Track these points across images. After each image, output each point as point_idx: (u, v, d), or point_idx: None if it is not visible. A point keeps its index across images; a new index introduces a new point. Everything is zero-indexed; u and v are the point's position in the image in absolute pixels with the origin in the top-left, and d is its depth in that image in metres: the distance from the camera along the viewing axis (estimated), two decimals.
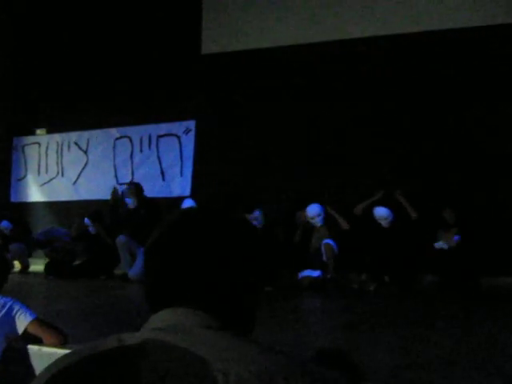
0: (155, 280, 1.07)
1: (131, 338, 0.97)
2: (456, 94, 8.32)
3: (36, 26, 11.25)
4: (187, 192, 9.87)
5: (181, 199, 9.33)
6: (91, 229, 9.29)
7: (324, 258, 8.07)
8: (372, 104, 8.74)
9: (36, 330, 3.65)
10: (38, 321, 3.68)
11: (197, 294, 1.03)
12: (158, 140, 10.26)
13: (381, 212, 8.11)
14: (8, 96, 11.47)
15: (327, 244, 8.06)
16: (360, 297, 7.48)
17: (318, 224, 8.25)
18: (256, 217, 8.42)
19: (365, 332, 5.13)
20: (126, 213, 9.00)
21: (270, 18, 9.41)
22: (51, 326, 3.73)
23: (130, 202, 8.86)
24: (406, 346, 4.46)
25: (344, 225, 8.18)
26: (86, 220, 9.34)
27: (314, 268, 8.10)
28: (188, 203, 8.99)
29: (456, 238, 7.64)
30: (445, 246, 7.69)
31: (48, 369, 0.98)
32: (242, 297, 1.07)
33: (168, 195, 9.96)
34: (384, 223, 8.10)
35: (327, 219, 8.30)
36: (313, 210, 8.26)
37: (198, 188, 9.77)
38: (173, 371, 0.89)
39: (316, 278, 8.04)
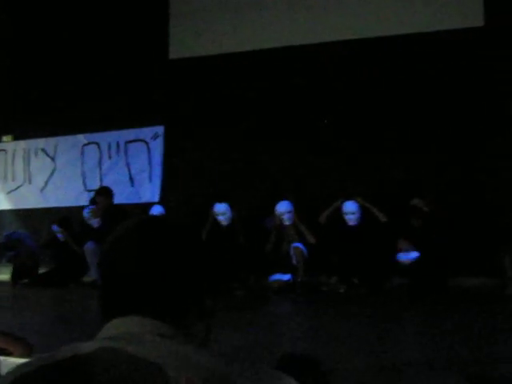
0: (107, 288, 1.08)
1: (85, 347, 0.98)
2: (433, 94, 8.44)
3: None
4: (156, 198, 9.83)
5: (150, 205, 9.30)
6: (59, 236, 9.23)
7: (294, 262, 8.10)
8: (341, 109, 8.81)
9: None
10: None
11: (148, 302, 1.04)
12: (126, 146, 10.19)
13: (349, 206, 8.14)
14: None
15: (296, 247, 8.09)
16: (330, 300, 7.52)
17: (287, 222, 8.26)
18: (224, 211, 8.43)
19: (334, 335, 5.15)
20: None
21: (238, 23, 9.42)
22: (15, 337, 3.68)
23: (95, 223, 8.96)
24: (376, 348, 4.50)
25: (311, 239, 8.20)
26: (54, 227, 9.27)
27: (284, 271, 8.13)
28: (156, 210, 8.95)
29: (415, 254, 7.67)
30: (407, 259, 7.71)
31: (5, 377, 0.99)
32: (192, 304, 1.08)
33: (137, 201, 9.90)
34: (352, 218, 8.11)
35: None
36: (283, 206, 8.29)
37: (167, 194, 9.74)
38: (128, 379, 0.91)
39: (286, 282, 8.08)
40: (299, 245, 8.11)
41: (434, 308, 6.64)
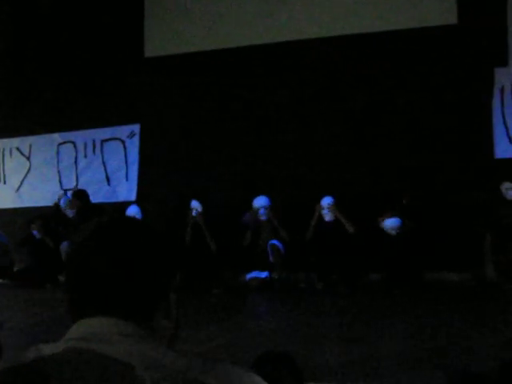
0: (75, 290, 1.09)
1: (52, 348, 0.99)
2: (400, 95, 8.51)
3: None
4: (133, 196, 9.79)
5: (127, 204, 9.26)
6: (35, 233, 9.24)
7: (270, 259, 8.12)
8: (321, 107, 8.85)
9: None
10: None
11: (116, 302, 1.04)
12: (102, 144, 10.13)
13: (327, 201, 8.16)
14: None
15: (273, 245, 8.12)
16: (307, 296, 7.56)
17: (262, 217, 8.27)
18: (196, 207, 8.43)
19: (312, 331, 5.19)
20: (71, 220, 9.07)
21: (213, 21, 9.40)
22: None
23: (70, 214, 9.12)
24: (352, 344, 4.54)
25: (285, 236, 8.21)
26: (31, 226, 9.28)
27: (261, 269, 8.15)
28: (132, 210, 8.84)
29: (398, 221, 7.74)
30: (392, 226, 7.78)
31: None
32: (159, 303, 1.09)
33: (114, 200, 9.85)
34: (327, 215, 8.13)
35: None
36: (259, 201, 8.30)
37: (143, 192, 9.70)
38: (99, 378, 0.92)
39: (264, 279, 8.10)
40: (276, 242, 8.13)
41: (411, 302, 6.71)
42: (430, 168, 8.23)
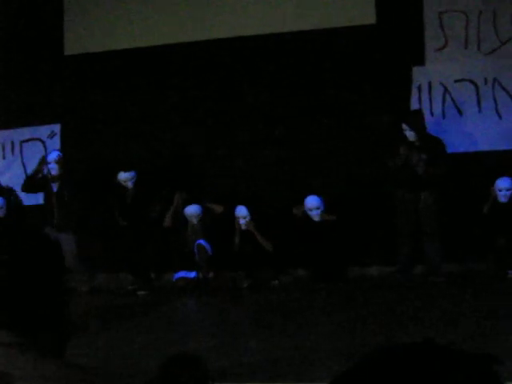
0: None
1: None
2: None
3: None
4: None
5: None
6: None
7: (197, 259, 8.09)
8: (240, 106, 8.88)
9: None
10: None
11: None
12: (21, 145, 9.81)
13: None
14: None
15: (199, 245, 8.09)
16: (234, 295, 7.59)
17: (195, 221, 8.22)
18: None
19: (236, 331, 5.20)
20: None
21: (134, 19, 9.27)
22: None
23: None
24: (270, 343, 4.56)
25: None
26: None
27: (189, 269, 8.11)
28: None
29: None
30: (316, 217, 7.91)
31: None
32: (42, 315, 1.06)
33: (35, 202, 9.55)
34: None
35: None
36: (192, 210, 8.21)
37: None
38: None
39: (191, 279, 8.07)
40: (202, 242, 8.11)
41: (336, 297, 6.83)
42: (348, 164, 8.40)
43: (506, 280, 7.35)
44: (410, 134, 7.53)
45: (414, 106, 8.32)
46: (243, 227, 8.06)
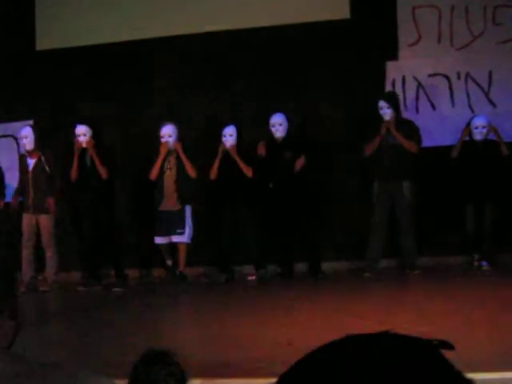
0: None
1: None
2: None
3: None
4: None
5: (21, 203, 8.91)
6: None
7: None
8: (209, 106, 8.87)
9: None
10: None
11: None
12: None
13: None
14: None
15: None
16: (206, 290, 7.63)
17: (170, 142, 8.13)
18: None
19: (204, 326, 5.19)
20: None
21: (106, 14, 9.19)
22: None
23: None
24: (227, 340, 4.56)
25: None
26: None
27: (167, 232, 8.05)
28: None
29: None
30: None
31: None
32: (4, 304, 1.04)
33: (7, 200, 9.44)
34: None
35: None
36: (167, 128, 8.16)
37: None
38: None
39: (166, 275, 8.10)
40: (178, 240, 8.07)
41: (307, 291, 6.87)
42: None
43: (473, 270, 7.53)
44: (386, 113, 7.60)
45: None
46: (227, 144, 7.96)
